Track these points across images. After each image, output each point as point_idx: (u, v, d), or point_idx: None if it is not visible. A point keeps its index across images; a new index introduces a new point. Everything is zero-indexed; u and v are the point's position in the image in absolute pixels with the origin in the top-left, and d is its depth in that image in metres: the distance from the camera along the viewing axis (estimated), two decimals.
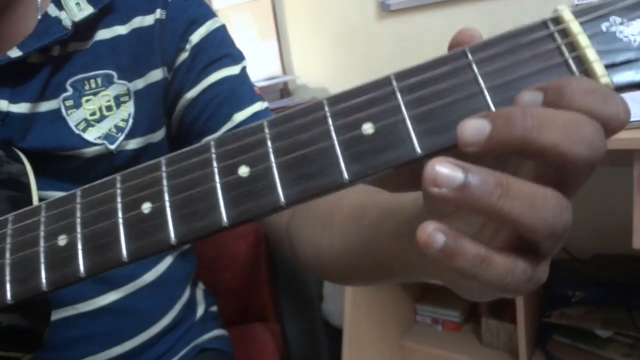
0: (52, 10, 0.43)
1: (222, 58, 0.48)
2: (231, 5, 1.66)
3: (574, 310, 1.00)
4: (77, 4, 0.43)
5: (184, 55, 0.47)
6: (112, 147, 0.45)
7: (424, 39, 1.37)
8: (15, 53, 0.42)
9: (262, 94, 1.72)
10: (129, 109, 0.46)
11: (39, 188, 0.42)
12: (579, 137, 0.18)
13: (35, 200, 0.42)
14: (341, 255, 0.39)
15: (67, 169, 0.45)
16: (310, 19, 1.56)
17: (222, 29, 0.50)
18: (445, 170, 0.18)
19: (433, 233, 0.18)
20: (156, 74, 0.47)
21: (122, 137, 0.46)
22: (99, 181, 0.26)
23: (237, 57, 0.50)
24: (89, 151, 0.45)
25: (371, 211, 0.33)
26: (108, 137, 0.45)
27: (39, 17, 0.44)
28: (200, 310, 0.59)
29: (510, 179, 0.18)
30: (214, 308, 0.63)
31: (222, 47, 0.49)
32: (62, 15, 0.43)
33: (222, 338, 0.60)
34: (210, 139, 0.25)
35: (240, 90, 0.48)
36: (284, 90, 1.57)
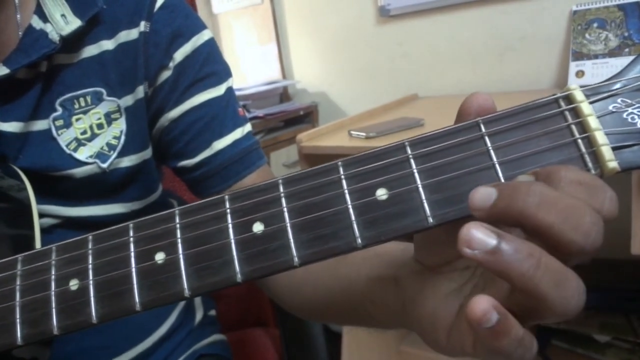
0: (37, 23, 0.42)
1: (207, 77, 0.47)
2: (231, 10, 1.66)
3: None
4: (63, 15, 0.42)
5: (167, 74, 0.46)
6: (104, 165, 0.45)
7: (423, 44, 1.38)
8: (2, 71, 0.40)
9: (262, 99, 1.70)
10: (120, 125, 0.45)
11: (37, 203, 0.41)
12: (576, 224, 0.18)
13: (35, 216, 0.42)
14: (316, 290, 0.39)
15: (61, 188, 0.45)
16: (310, 24, 1.56)
17: (209, 44, 0.48)
18: (479, 234, 0.18)
19: (489, 310, 0.18)
20: (141, 90, 0.46)
21: (114, 155, 0.45)
22: (111, 228, 0.27)
23: (222, 75, 0.48)
24: (80, 171, 0.44)
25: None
26: (100, 155, 0.45)
27: (20, 29, 0.42)
28: (199, 315, 0.59)
29: (542, 253, 0.18)
30: (213, 312, 0.63)
31: (208, 65, 0.47)
32: (48, 28, 0.41)
33: (220, 343, 0.60)
34: (224, 192, 0.25)
35: (222, 115, 0.47)
36: (284, 95, 1.57)
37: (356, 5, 1.45)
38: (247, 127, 0.49)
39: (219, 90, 0.48)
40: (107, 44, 0.45)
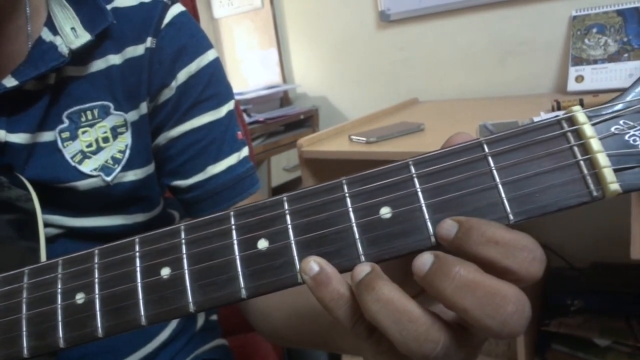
0: (46, 35, 0.42)
1: (209, 99, 0.47)
2: (232, 14, 1.66)
3: (572, 319, 1.02)
4: (73, 29, 0.42)
5: (169, 93, 0.46)
6: (108, 178, 0.45)
7: (423, 49, 1.38)
8: (10, 82, 0.40)
9: (263, 103, 1.70)
10: (126, 140, 0.46)
11: (42, 213, 0.42)
12: (495, 311, 0.19)
13: (41, 227, 0.42)
14: (289, 317, 0.39)
15: (65, 199, 0.45)
16: (311, 29, 1.56)
17: (213, 64, 0.48)
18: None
19: (312, 264, 0.22)
20: (144, 106, 0.46)
21: (118, 169, 0.45)
22: (117, 242, 0.27)
23: (224, 97, 0.49)
24: (85, 183, 0.44)
25: None
26: (104, 168, 0.45)
27: (29, 41, 0.42)
28: (200, 320, 0.59)
29: (384, 290, 0.20)
30: (214, 317, 0.63)
31: (211, 86, 0.47)
32: (58, 40, 0.42)
33: (222, 348, 0.60)
34: (230, 209, 0.25)
35: (220, 139, 0.47)
36: (284, 99, 1.58)
37: (357, 10, 1.45)
38: (244, 152, 0.50)
39: (219, 113, 0.48)
40: (115, 59, 0.45)
